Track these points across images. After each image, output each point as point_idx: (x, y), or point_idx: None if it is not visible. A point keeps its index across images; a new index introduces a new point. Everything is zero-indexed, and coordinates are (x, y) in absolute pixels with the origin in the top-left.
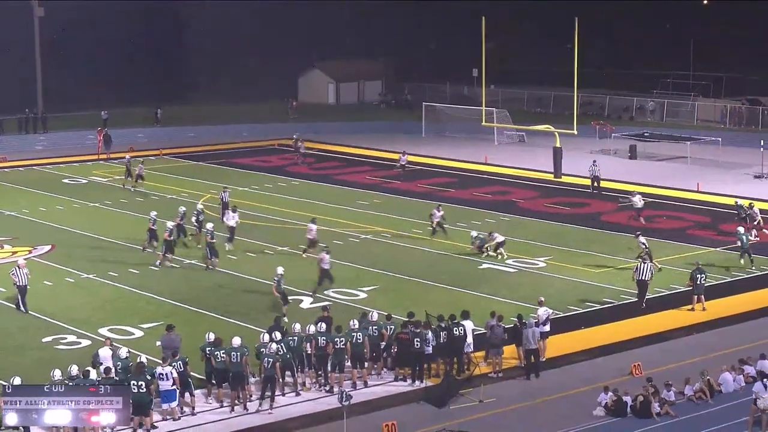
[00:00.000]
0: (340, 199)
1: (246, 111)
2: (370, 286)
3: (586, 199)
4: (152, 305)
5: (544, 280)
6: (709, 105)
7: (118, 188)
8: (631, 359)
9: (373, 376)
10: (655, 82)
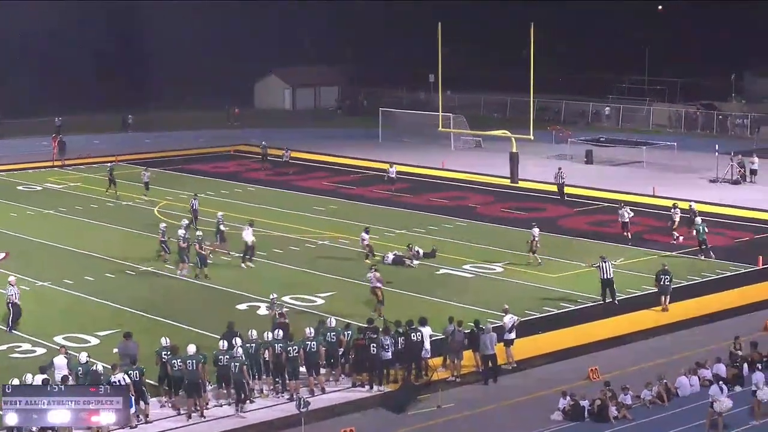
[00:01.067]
0: (296, 205)
1: (203, 117)
2: (327, 292)
3: (542, 204)
4: (108, 313)
5: (501, 285)
6: (664, 110)
7: (73, 195)
8: (589, 363)
9: (330, 382)
10: (611, 87)
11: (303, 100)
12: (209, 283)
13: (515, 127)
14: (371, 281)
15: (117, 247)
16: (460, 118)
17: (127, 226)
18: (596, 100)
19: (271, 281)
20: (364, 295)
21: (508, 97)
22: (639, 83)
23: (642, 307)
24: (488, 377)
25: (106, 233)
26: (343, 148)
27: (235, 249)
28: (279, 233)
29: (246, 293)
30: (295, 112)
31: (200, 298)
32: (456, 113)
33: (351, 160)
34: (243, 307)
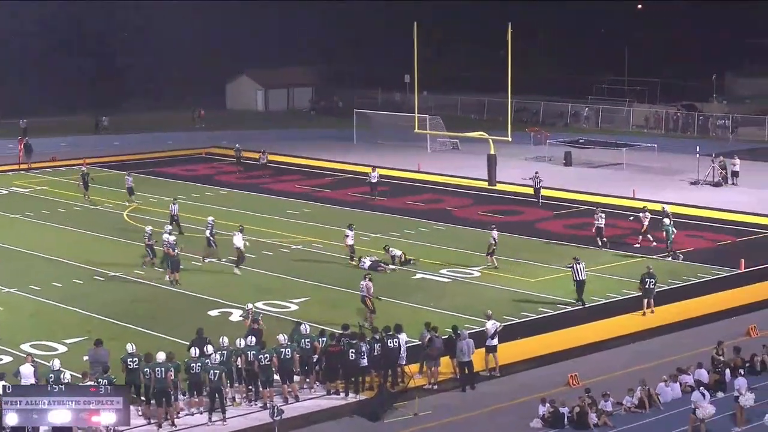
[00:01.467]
0: (269, 209)
1: (174, 119)
2: (301, 298)
3: (520, 207)
4: (77, 319)
5: (478, 289)
6: (644, 111)
7: (40, 199)
8: (569, 369)
9: (304, 390)
10: (590, 87)
11: (276, 102)
12: (180, 289)
13: (493, 129)
14: (362, 290)
15: (85, 252)
16: (436, 119)
17: (95, 231)
18: (575, 101)
19: (244, 287)
20: (340, 300)
21: (486, 97)
22: (619, 84)
23: (623, 312)
24: (465, 384)
25: (74, 238)
26: (317, 150)
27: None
28: (252, 237)
29: (218, 299)
30: (268, 114)
31: (171, 304)
32: (432, 114)
33: (325, 162)
34: (215, 313)
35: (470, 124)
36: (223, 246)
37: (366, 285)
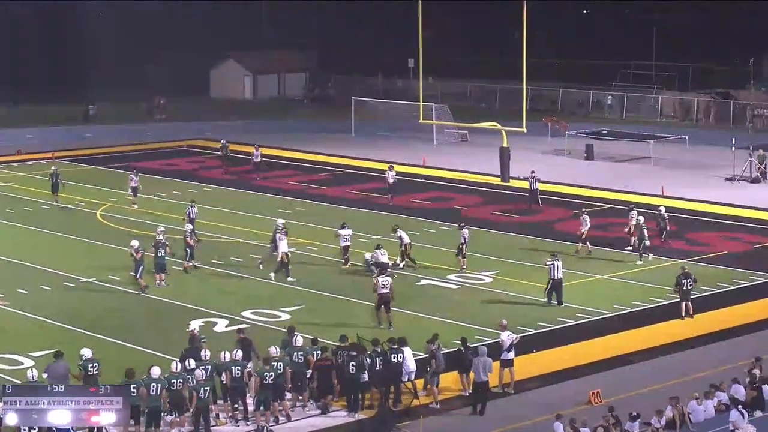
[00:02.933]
0: (259, 208)
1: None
2: (293, 306)
3: (538, 205)
4: (45, 330)
5: (490, 297)
6: (674, 99)
7: (3, 197)
8: (590, 386)
9: (297, 408)
10: (614, 73)
11: (265, 88)
12: (160, 296)
13: (506, 119)
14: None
15: (55, 255)
16: (443, 108)
17: (66, 232)
18: (597, 88)
19: (230, 294)
20: (336, 308)
21: (498, 84)
22: (645, 69)
23: (650, 322)
24: (476, 404)
25: (41, 240)
26: (311, 143)
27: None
28: (239, 239)
29: (201, 308)
30: (257, 102)
31: (149, 313)
32: (439, 103)
33: (320, 156)
34: (197, 323)
35: (481, 113)
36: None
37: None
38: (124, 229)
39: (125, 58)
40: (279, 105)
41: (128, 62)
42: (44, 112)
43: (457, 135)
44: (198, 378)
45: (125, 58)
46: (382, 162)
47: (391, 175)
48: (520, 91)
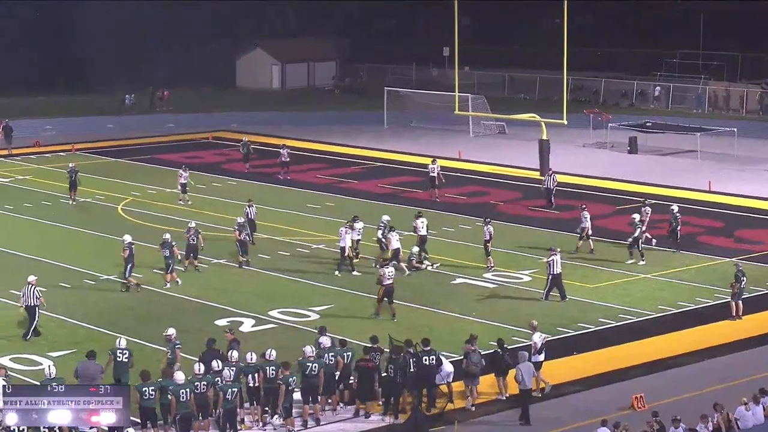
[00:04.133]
0: (286, 202)
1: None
2: (322, 306)
3: (578, 201)
4: (63, 330)
5: (528, 296)
6: (722, 89)
7: (21, 190)
8: (633, 390)
9: (326, 411)
10: (659, 62)
11: (294, 78)
12: (183, 294)
13: (546, 110)
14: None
15: (74, 251)
16: (480, 99)
17: (85, 228)
18: (642, 78)
19: (256, 292)
20: (367, 308)
21: (537, 74)
22: (692, 58)
23: (696, 323)
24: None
25: (60, 235)
26: (341, 135)
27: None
28: (266, 235)
29: (227, 306)
30: (285, 92)
31: (172, 312)
32: (475, 93)
33: (351, 149)
34: (222, 322)
35: (519, 104)
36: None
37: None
38: (145, 225)
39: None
40: (308, 95)
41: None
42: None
43: (494, 127)
44: (225, 379)
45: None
46: (415, 155)
47: (432, 169)
48: (561, 81)
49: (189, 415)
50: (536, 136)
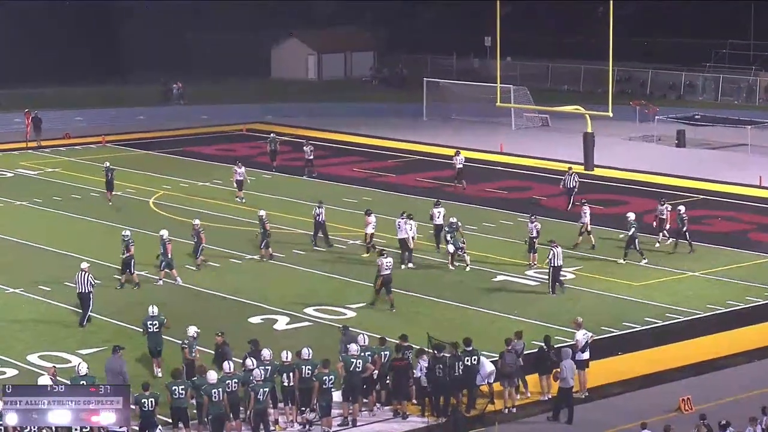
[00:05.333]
0: (321, 196)
1: (206, 90)
2: (359, 303)
3: (623, 196)
4: (92, 326)
5: (572, 294)
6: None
7: (50, 183)
8: (680, 392)
9: (364, 412)
10: (708, 53)
11: (330, 69)
12: (217, 291)
13: (590, 102)
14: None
15: (104, 246)
16: (522, 90)
17: (116, 222)
18: (690, 69)
19: (291, 289)
20: (404, 305)
21: (582, 65)
22: (743, 48)
23: (745, 323)
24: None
25: (89, 229)
26: (379, 127)
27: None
28: (300, 231)
29: (260, 303)
30: (321, 83)
31: (203, 309)
32: (518, 85)
33: (389, 141)
34: (256, 320)
35: (563, 96)
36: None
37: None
38: (177, 219)
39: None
40: (345, 86)
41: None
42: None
43: (537, 119)
44: (256, 378)
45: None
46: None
47: (459, 160)
48: (606, 72)
49: (222, 416)
50: (581, 128)
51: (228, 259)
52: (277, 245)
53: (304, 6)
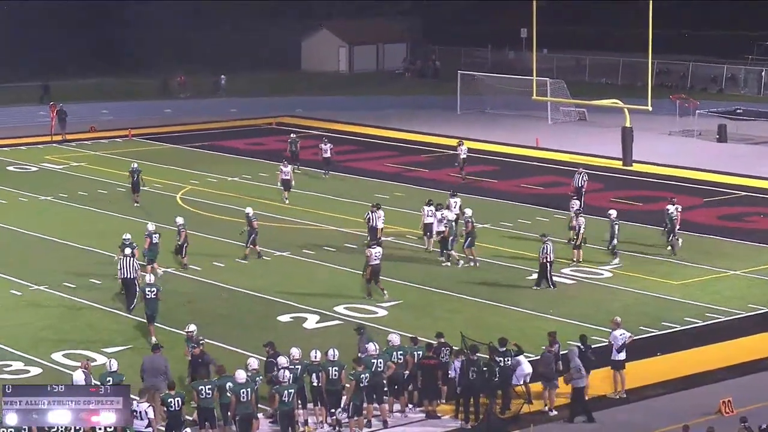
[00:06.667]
0: (352, 192)
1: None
2: (390, 302)
3: (662, 192)
4: (118, 324)
5: (609, 293)
6: None
7: (76, 177)
8: (721, 393)
9: (395, 414)
10: (750, 45)
11: (362, 61)
12: (245, 289)
13: (629, 96)
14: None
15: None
16: (559, 83)
17: (143, 217)
18: (732, 62)
19: (321, 287)
20: (438, 304)
21: (620, 57)
22: None
23: None
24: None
25: (116, 225)
26: (411, 121)
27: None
28: (331, 227)
29: (289, 301)
30: (353, 76)
31: (231, 306)
32: (554, 78)
33: (422, 135)
34: (285, 318)
35: (601, 89)
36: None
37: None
38: (205, 215)
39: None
40: (377, 79)
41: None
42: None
43: (574, 113)
44: (281, 379)
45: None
46: (489, 143)
47: (462, 150)
48: (645, 65)
49: (250, 416)
50: (619, 123)
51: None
52: (308, 243)
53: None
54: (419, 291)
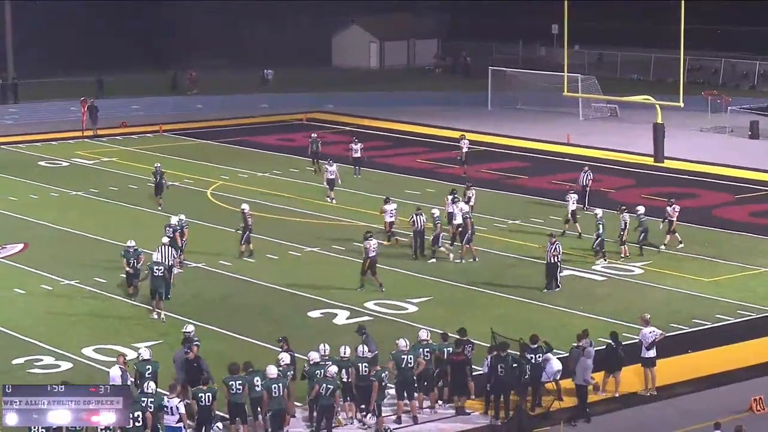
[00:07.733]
0: (383, 188)
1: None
2: (421, 297)
3: (694, 189)
4: (147, 320)
5: (640, 290)
6: None
7: (106, 172)
8: (752, 391)
9: (425, 410)
10: None
11: (393, 57)
12: (275, 284)
13: (661, 92)
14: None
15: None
16: (590, 79)
17: (173, 213)
18: (765, 58)
19: (351, 282)
20: (468, 300)
21: (652, 53)
22: None
23: None
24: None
25: (147, 221)
26: (442, 117)
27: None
28: (362, 223)
29: (320, 297)
30: (383, 72)
31: (263, 302)
32: (586, 74)
33: (452, 131)
34: (316, 314)
35: (632, 86)
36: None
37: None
38: (236, 210)
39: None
40: (408, 75)
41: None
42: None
43: (606, 110)
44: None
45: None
46: (521, 139)
47: (464, 144)
48: (677, 61)
49: (282, 412)
50: (650, 119)
51: (287, 252)
52: (337, 238)
53: None
54: (449, 287)
